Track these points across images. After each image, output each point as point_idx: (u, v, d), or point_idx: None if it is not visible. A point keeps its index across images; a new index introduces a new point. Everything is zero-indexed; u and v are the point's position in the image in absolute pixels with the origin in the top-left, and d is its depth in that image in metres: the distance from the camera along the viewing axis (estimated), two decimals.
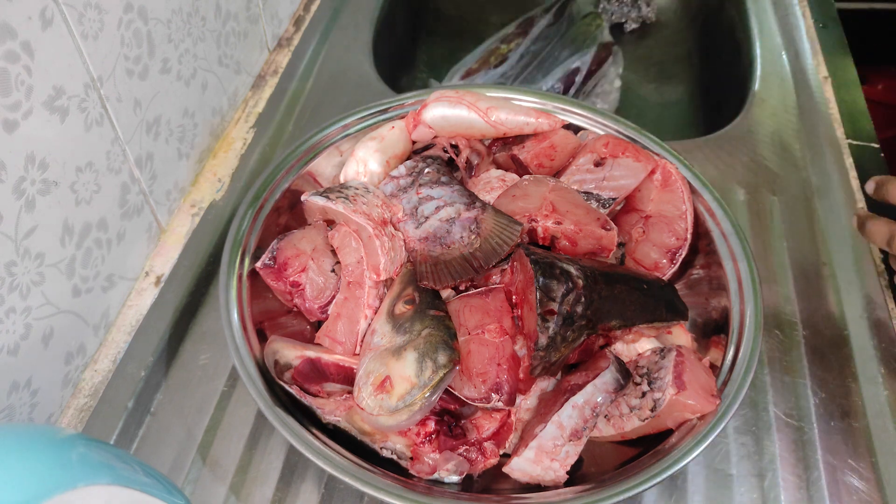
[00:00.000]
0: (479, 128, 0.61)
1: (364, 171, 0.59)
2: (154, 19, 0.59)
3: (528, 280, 0.48)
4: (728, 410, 0.46)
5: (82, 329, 0.56)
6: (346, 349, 0.51)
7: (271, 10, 0.84)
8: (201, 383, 0.57)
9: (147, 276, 0.64)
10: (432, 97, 0.61)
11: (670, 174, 0.58)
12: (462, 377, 0.47)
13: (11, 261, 0.47)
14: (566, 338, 0.47)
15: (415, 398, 0.44)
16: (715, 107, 0.96)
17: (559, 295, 0.47)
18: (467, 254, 0.52)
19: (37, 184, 0.48)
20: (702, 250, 0.57)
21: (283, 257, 0.54)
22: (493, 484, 0.48)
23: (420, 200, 0.56)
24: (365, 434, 0.48)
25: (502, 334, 0.48)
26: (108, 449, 0.39)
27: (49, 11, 0.47)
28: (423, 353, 0.45)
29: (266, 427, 0.54)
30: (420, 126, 0.61)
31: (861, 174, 0.72)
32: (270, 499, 0.51)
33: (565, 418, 0.46)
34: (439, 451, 0.47)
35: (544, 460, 0.46)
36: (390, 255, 0.52)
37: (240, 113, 0.79)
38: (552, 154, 0.61)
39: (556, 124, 0.61)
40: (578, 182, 0.58)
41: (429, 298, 0.50)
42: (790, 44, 0.88)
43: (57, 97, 0.49)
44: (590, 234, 0.53)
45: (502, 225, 0.53)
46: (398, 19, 1.00)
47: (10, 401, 0.49)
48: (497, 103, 0.61)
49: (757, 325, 0.51)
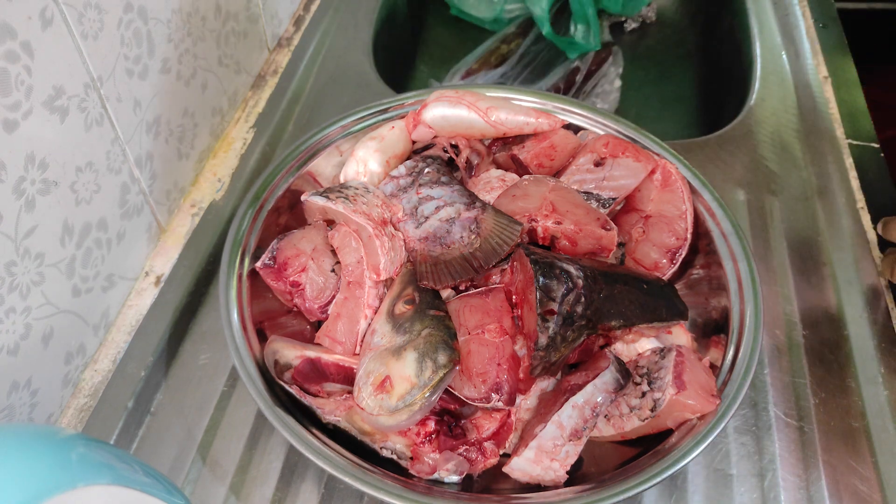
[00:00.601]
0: (479, 128, 0.61)
1: (364, 170, 0.59)
2: (154, 19, 0.59)
3: (527, 280, 0.48)
4: (728, 410, 0.46)
5: (82, 329, 0.56)
6: (346, 349, 0.51)
7: (271, 10, 0.84)
8: (201, 383, 0.57)
9: (147, 276, 0.64)
10: (432, 97, 0.61)
11: (670, 174, 0.58)
12: (462, 377, 0.47)
13: (11, 261, 0.47)
14: (566, 338, 0.47)
15: (415, 398, 0.44)
16: (715, 107, 0.96)
17: (559, 295, 0.47)
18: (467, 254, 0.52)
19: (37, 184, 0.48)
20: (702, 250, 0.57)
21: (283, 257, 0.54)
22: (493, 484, 0.48)
23: (420, 200, 0.56)
24: (365, 434, 0.48)
25: (502, 334, 0.48)
26: (108, 449, 0.39)
27: (49, 11, 0.47)
28: (423, 352, 0.45)
29: (266, 427, 0.54)
30: (420, 126, 0.61)
31: (861, 174, 0.72)
32: (270, 499, 0.51)
33: (565, 418, 0.46)
34: (439, 451, 0.47)
35: (544, 460, 0.46)
36: (390, 255, 0.52)
37: (240, 113, 0.79)
38: (552, 154, 0.61)
39: (556, 124, 0.61)
40: (578, 182, 0.58)
41: (429, 298, 0.50)
42: (790, 44, 0.88)
43: (57, 97, 0.49)
44: (590, 233, 0.53)
45: (502, 225, 0.53)
46: (398, 19, 1.00)
47: (9, 401, 0.49)
48: (497, 103, 0.61)
49: (757, 325, 0.50)
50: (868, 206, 0.69)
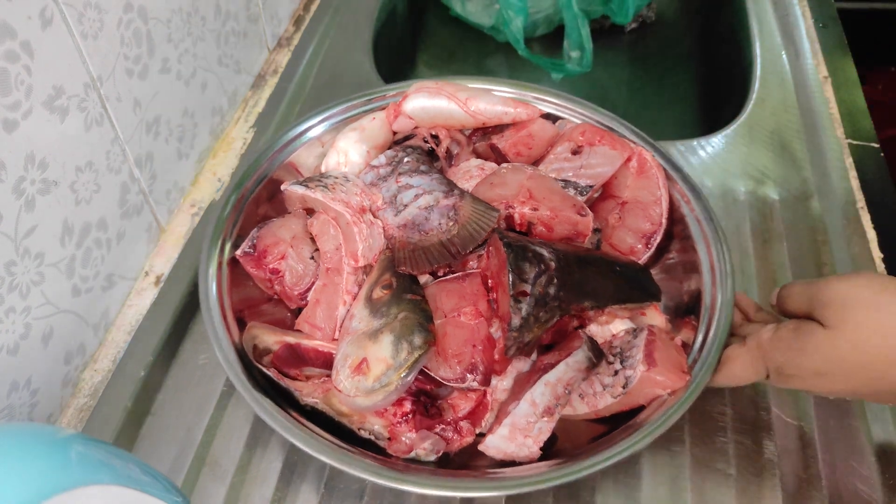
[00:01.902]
0: (459, 118, 0.62)
1: (345, 161, 0.60)
2: (154, 19, 0.59)
3: (501, 263, 0.50)
4: (698, 387, 0.47)
5: (82, 329, 0.56)
6: (326, 335, 0.52)
7: (271, 10, 0.84)
8: (201, 383, 0.57)
9: (147, 276, 0.64)
10: (412, 88, 0.62)
11: (646, 161, 0.59)
12: (438, 359, 0.48)
13: (11, 260, 0.47)
14: (539, 318, 0.48)
15: (391, 379, 0.45)
16: (715, 107, 0.96)
17: (531, 276, 0.48)
18: (445, 240, 0.53)
19: (36, 183, 0.48)
20: (677, 235, 0.58)
21: (263, 245, 0.55)
22: (469, 461, 0.49)
23: (399, 189, 0.57)
24: (343, 416, 0.49)
25: (478, 317, 0.50)
26: (108, 449, 0.39)
27: (49, 11, 0.47)
28: (399, 335, 0.47)
29: (266, 427, 0.54)
30: (401, 117, 0.62)
31: (861, 174, 0.72)
32: (270, 499, 0.51)
33: (538, 395, 0.47)
34: (416, 431, 0.48)
35: (518, 437, 0.47)
36: (368, 242, 0.53)
37: (240, 112, 0.79)
38: (530, 143, 0.62)
39: (534, 114, 0.62)
40: (556, 170, 0.60)
41: (406, 283, 0.51)
42: (790, 44, 0.88)
43: (57, 97, 0.49)
44: (565, 219, 0.55)
45: (480, 211, 0.54)
46: (398, 19, 1.00)
47: (9, 400, 0.49)
48: (476, 94, 0.62)
49: (728, 307, 0.51)
50: (868, 206, 0.69)
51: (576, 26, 0.87)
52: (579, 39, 0.88)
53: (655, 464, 0.52)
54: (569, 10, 0.87)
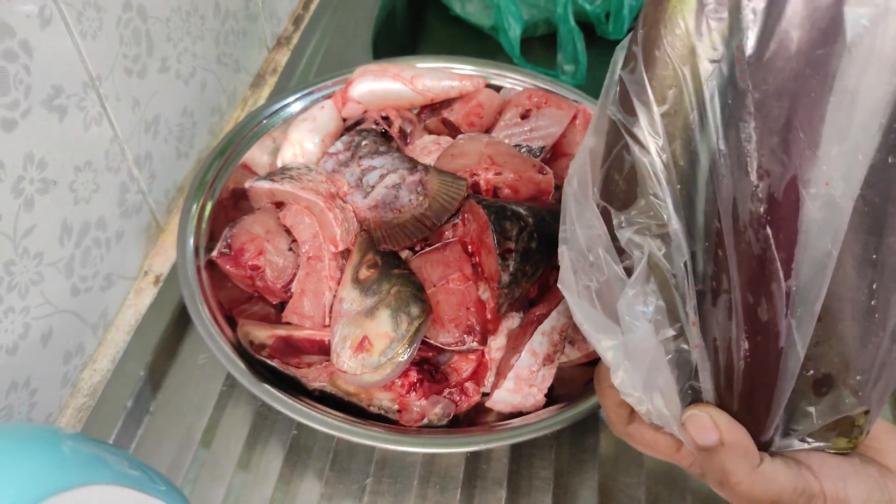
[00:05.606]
0: (407, 97, 0.64)
1: (301, 152, 0.61)
2: (153, 18, 0.59)
3: (482, 225, 0.51)
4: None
5: (81, 328, 0.56)
6: (316, 323, 0.52)
7: (270, 9, 0.84)
8: (200, 383, 0.57)
9: (146, 276, 0.64)
10: (357, 73, 0.64)
11: (591, 116, 0.60)
12: (435, 326, 0.50)
13: (10, 260, 0.47)
14: (525, 272, 0.50)
15: (396, 350, 0.46)
16: None
17: (514, 234, 0.50)
18: (419, 214, 0.54)
19: (35, 183, 0.48)
20: None
21: (239, 243, 0.55)
22: (477, 419, 0.51)
23: (363, 171, 0.58)
24: (351, 395, 0.50)
25: (465, 281, 0.51)
26: (108, 449, 0.39)
27: (48, 10, 0.47)
28: (396, 308, 0.48)
29: (265, 427, 0.54)
30: (349, 103, 0.63)
31: None
32: (270, 499, 0.51)
33: (537, 345, 0.49)
34: (426, 398, 0.49)
35: (523, 388, 0.49)
36: (345, 226, 0.54)
37: (239, 112, 0.78)
38: (480, 112, 0.64)
39: (479, 84, 0.65)
40: (508, 136, 0.62)
41: (391, 260, 0.52)
42: None
43: (55, 96, 0.49)
44: (529, 179, 0.57)
45: (447, 183, 0.55)
46: (398, 19, 1.00)
47: (8, 400, 0.49)
48: (420, 72, 0.64)
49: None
50: None
51: (571, 39, 0.87)
52: (574, 53, 0.88)
53: None
54: (565, 23, 0.87)
